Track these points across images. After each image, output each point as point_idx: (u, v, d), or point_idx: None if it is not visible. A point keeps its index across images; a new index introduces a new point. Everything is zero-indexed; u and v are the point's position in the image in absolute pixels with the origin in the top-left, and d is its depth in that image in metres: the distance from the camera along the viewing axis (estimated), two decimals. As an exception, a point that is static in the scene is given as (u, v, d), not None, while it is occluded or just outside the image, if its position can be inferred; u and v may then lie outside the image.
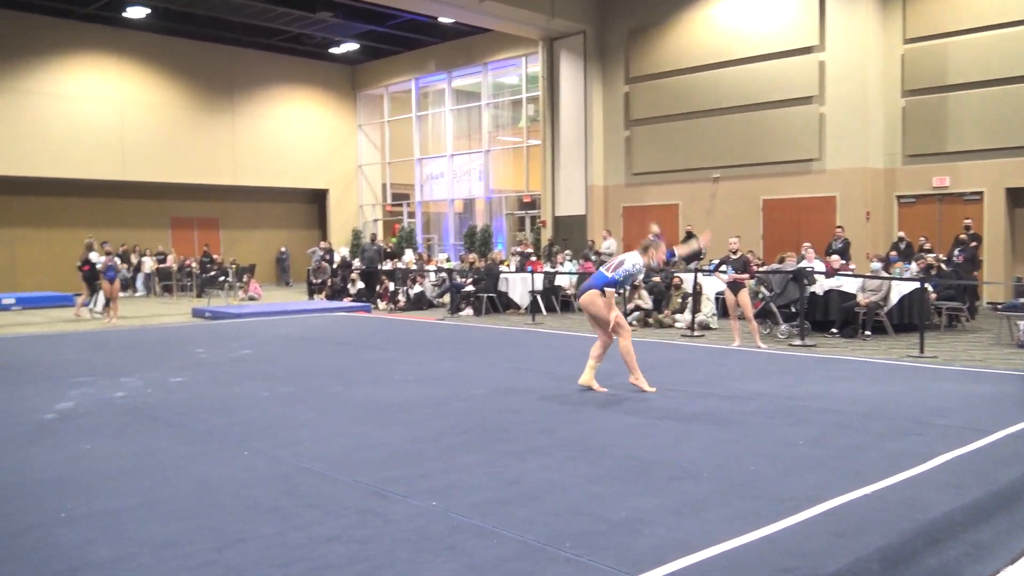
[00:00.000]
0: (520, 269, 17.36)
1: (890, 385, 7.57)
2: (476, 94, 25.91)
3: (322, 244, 23.06)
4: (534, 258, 19.35)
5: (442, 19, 22.67)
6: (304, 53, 27.10)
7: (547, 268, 17.61)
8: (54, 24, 22.36)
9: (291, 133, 27.33)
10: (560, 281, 16.39)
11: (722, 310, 12.72)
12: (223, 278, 21.08)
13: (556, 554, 3.50)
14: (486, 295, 16.26)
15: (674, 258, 7.55)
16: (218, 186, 26.03)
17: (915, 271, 12.99)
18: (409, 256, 21.57)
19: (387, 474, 4.72)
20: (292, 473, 4.80)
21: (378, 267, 19.35)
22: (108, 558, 3.52)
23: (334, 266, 20.72)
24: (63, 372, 8.80)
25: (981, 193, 16.36)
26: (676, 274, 14.11)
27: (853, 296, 11.87)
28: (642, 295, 13.88)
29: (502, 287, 16.53)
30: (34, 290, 21.21)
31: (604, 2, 21.42)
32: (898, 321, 11.89)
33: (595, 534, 3.72)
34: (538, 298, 15.57)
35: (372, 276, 19.04)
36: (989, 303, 15.57)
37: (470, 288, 16.51)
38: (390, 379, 8.17)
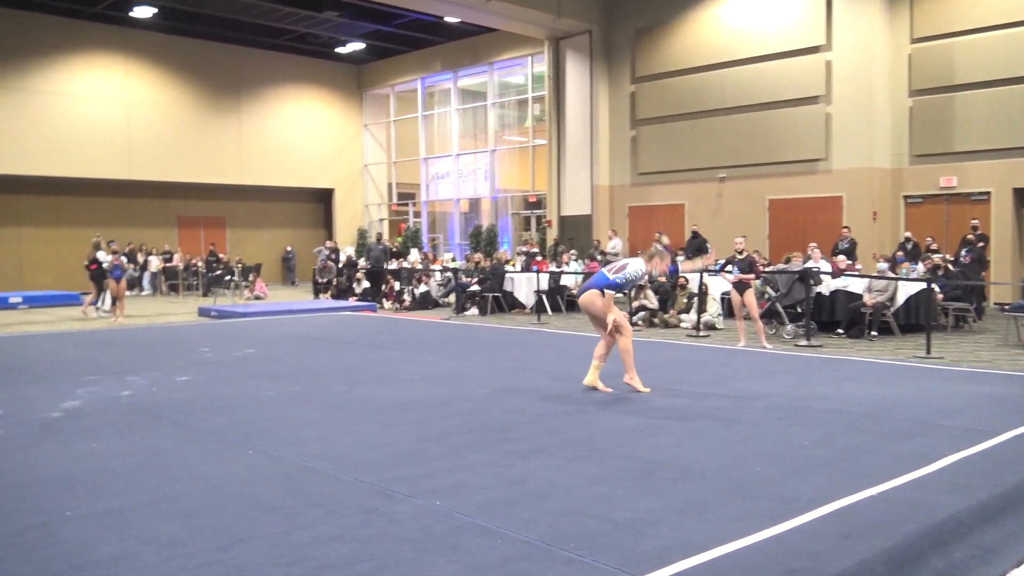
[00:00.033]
0: (525, 269, 17.36)
1: (896, 386, 7.55)
2: (482, 94, 25.91)
3: (328, 243, 23.10)
4: (539, 258, 19.34)
5: (448, 19, 22.67)
6: (310, 53, 27.15)
7: (552, 268, 17.60)
8: (61, 23, 22.44)
9: (297, 132, 27.38)
10: (565, 281, 16.39)
11: (728, 310, 12.69)
12: (229, 277, 21.11)
13: (560, 554, 3.49)
14: (491, 295, 16.26)
15: (676, 273, 7.51)
16: (224, 185, 26.09)
17: (922, 271, 12.95)
18: (415, 256, 21.59)
19: (391, 473, 4.72)
20: (296, 472, 4.80)
21: (384, 266, 19.37)
22: (112, 556, 3.53)
23: (339, 265, 20.74)
24: (69, 371, 8.83)
25: (988, 193, 16.29)
26: (682, 274, 14.09)
27: (859, 296, 11.84)
28: (648, 295, 13.87)
29: (507, 287, 16.54)
30: (41, 289, 21.28)
31: (610, 2, 21.40)
32: (904, 322, 11.86)
33: (599, 534, 3.72)
34: (543, 298, 15.56)
35: (377, 275, 19.05)
36: (996, 304, 15.51)
37: (475, 288, 16.53)
38: (395, 379, 8.17)
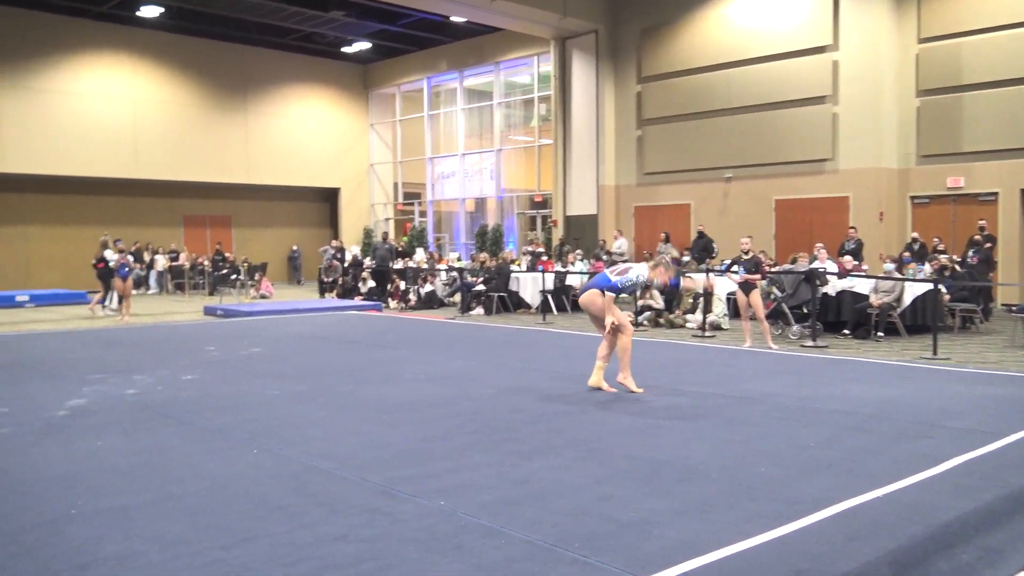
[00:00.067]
0: (531, 269, 17.36)
1: (902, 387, 7.52)
2: (488, 93, 25.91)
3: (333, 243, 23.13)
4: (545, 258, 19.34)
5: (454, 18, 22.68)
6: (316, 52, 27.18)
7: (558, 268, 17.60)
8: (68, 23, 22.50)
9: (303, 132, 27.41)
10: (571, 281, 16.38)
11: (733, 311, 12.67)
12: (235, 276, 21.16)
13: (564, 555, 3.49)
14: (497, 294, 16.26)
15: (677, 288, 7.49)
16: (230, 184, 26.13)
17: (929, 272, 12.90)
18: (420, 255, 21.61)
19: (395, 473, 4.72)
20: (301, 471, 4.80)
21: (389, 266, 19.38)
22: (117, 555, 3.54)
23: (345, 265, 20.77)
24: (75, 369, 8.85)
25: (996, 194, 16.23)
26: (688, 274, 14.06)
27: (866, 297, 11.81)
28: (653, 295, 13.82)
29: (513, 286, 16.53)
30: (47, 287, 21.36)
31: (616, 1, 21.36)
32: (911, 322, 11.83)
33: (603, 535, 3.71)
34: (549, 298, 15.55)
35: (383, 275, 19.06)
36: (1003, 305, 15.45)
37: (481, 287, 16.53)
38: (400, 378, 8.17)
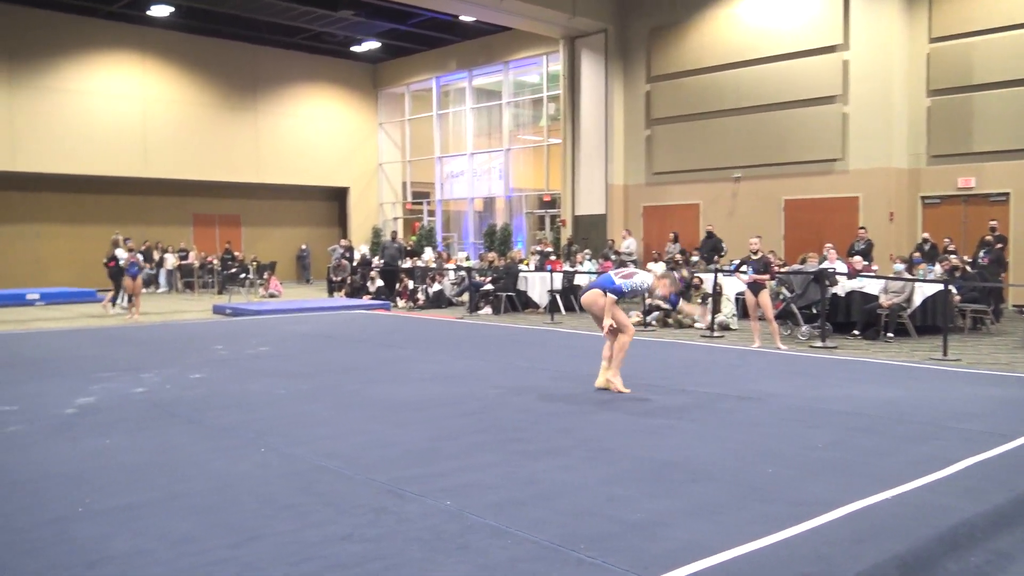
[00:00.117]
0: (539, 268, 17.35)
1: (912, 388, 7.49)
2: (497, 93, 25.91)
3: (342, 242, 23.18)
4: (553, 257, 19.33)
5: (463, 18, 22.69)
6: (326, 51, 27.24)
7: (566, 267, 17.58)
8: (79, 22, 22.62)
9: (312, 131, 27.47)
10: (579, 281, 16.34)
11: (742, 311, 12.63)
12: (244, 275, 21.22)
13: (570, 555, 3.48)
14: (505, 294, 16.26)
15: (675, 305, 7.46)
16: (240, 183, 26.21)
17: (939, 273, 12.84)
18: (429, 254, 21.62)
19: (402, 473, 4.72)
20: (308, 470, 4.81)
21: (398, 265, 19.40)
22: (125, 553, 3.55)
23: (354, 264, 20.79)
24: (84, 367, 8.89)
25: (1007, 194, 16.13)
26: (696, 274, 14.03)
27: (875, 298, 11.76)
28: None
29: (521, 286, 16.53)
30: (58, 286, 21.46)
31: (626, 1, 21.33)
32: (921, 323, 11.77)
33: (610, 535, 3.70)
34: (557, 297, 15.54)
35: (392, 274, 19.08)
36: (1015, 306, 15.36)
37: (489, 287, 16.52)
38: (407, 377, 8.18)
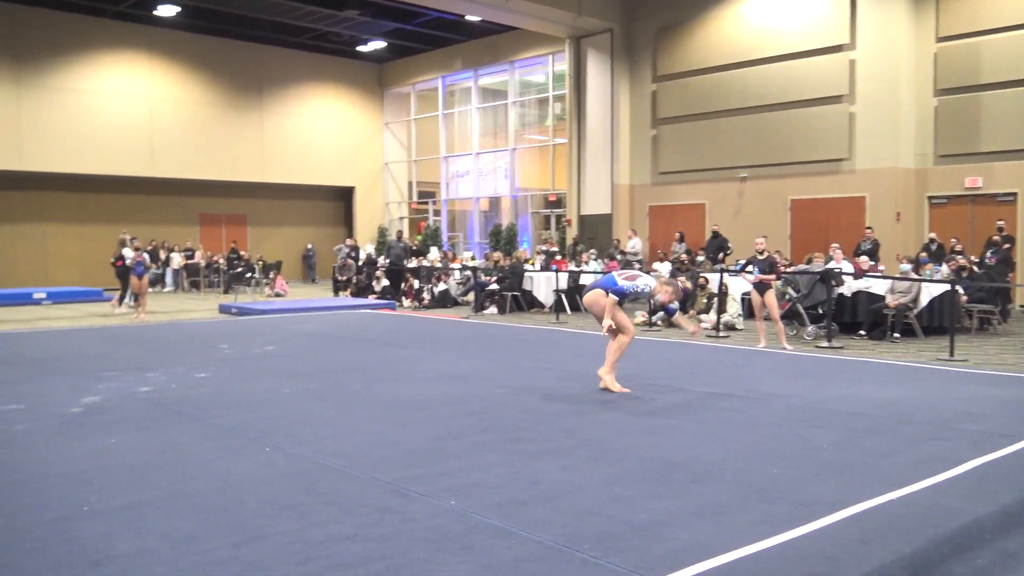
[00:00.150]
0: (545, 268, 17.33)
1: (918, 389, 7.46)
2: (503, 92, 25.90)
3: (348, 241, 23.19)
4: (559, 257, 19.31)
5: (469, 17, 22.67)
6: (332, 51, 27.26)
7: (572, 267, 17.56)
8: (85, 22, 22.67)
9: (318, 131, 27.50)
10: (585, 280, 16.31)
11: (748, 311, 12.60)
12: (250, 274, 21.26)
13: (574, 556, 3.47)
14: (510, 294, 16.25)
15: (672, 314, 7.46)
16: (246, 183, 26.25)
17: (946, 273, 12.79)
18: (434, 254, 21.62)
19: (406, 472, 4.72)
20: (311, 470, 4.81)
21: (403, 265, 19.40)
22: (129, 552, 3.55)
23: (359, 263, 20.81)
24: (90, 366, 8.91)
25: (1015, 194, 16.05)
26: (702, 274, 14.00)
27: (882, 298, 11.72)
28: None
29: (527, 286, 16.52)
30: (64, 285, 21.53)
31: (632, 0, 21.30)
32: (928, 324, 11.73)
33: (614, 536, 3.69)
34: (562, 297, 15.52)
35: (397, 274, 19.09)
36: (1022, 306, 15.30)
37: (494, 286, 16.52)
38: (412, 377, 8.17)
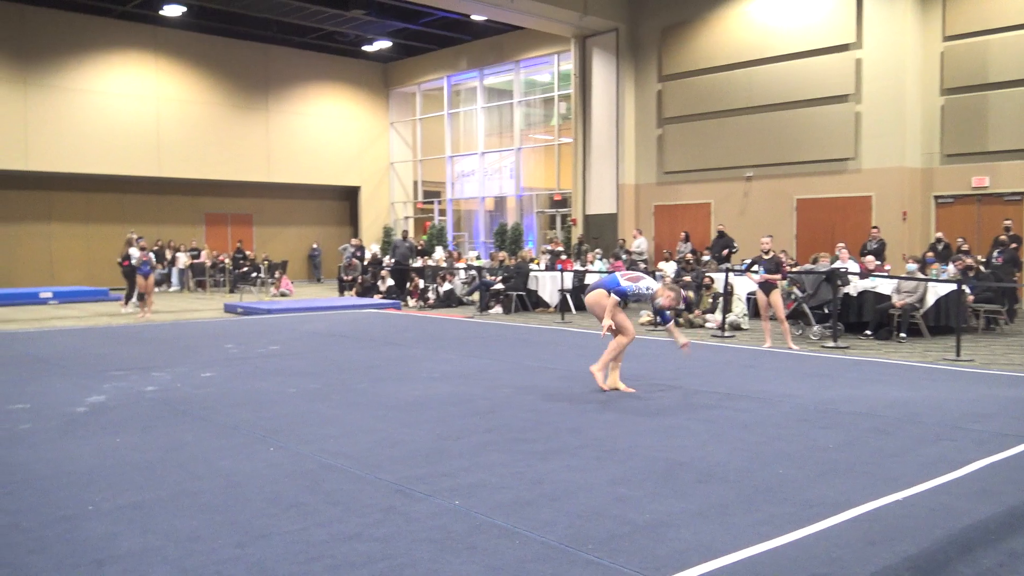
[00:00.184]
0: (550, 267, 17.33)
1: (924, 389, 7.43)
2: (508, 92, 25.90)
3: (353, 241, 23.23)
4: (564, 256, 19.30)
5: (474, 17, 22.68)
6: (337, 51, 27.30)
7: (577, 267, 17.55)
8: (92, 22, 22.74)
9: (324, 130, 27.53)
10: (590, 280, 16.31)
11: (753, 311, 12.58)
12: (255, 274, 21.29)
13: (578, 556, 3.46)
14: (515, 293, 16.25)
15: (667, 322, 7.44)
16: (252, 183, 26.30)
17: (952, 272, 12.74)
18: (439, 253, 21.63)
19: (410, 472, 4.71)
20: (316, 469, 4.81)
21: (409, 264, 19.41)
22: (133, 551, 3.55)
23: (365, 263, 20.83)
24: (95, 366, 8.93)
25: (1022, 193, 16.00)
26: (707, 274, 13.98)
27: (888, 298, 11.68)
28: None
29: (532, 285, 16.51)
30: (70, 284, 21.59)
31: (637, 0, 21.32)
32: (934, 323, 11.70)
33: (618, 536, 3.68)
34: (568, 297, 15.51)
35: (402, 273, 19.10)
36: (1029, 306, 15.22)
37: (499, 286, 16.51)
38: (416, 376, 8.17)
